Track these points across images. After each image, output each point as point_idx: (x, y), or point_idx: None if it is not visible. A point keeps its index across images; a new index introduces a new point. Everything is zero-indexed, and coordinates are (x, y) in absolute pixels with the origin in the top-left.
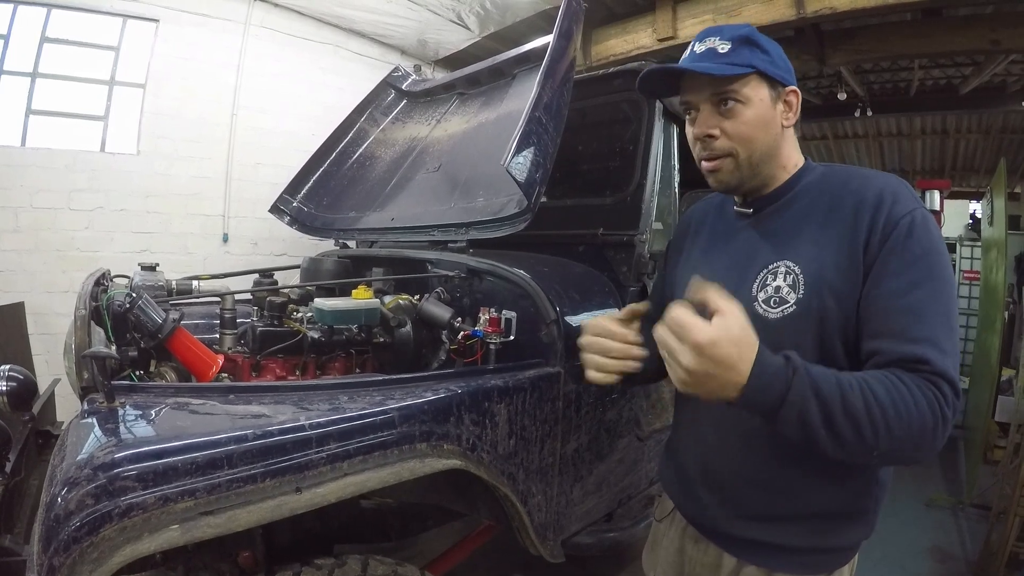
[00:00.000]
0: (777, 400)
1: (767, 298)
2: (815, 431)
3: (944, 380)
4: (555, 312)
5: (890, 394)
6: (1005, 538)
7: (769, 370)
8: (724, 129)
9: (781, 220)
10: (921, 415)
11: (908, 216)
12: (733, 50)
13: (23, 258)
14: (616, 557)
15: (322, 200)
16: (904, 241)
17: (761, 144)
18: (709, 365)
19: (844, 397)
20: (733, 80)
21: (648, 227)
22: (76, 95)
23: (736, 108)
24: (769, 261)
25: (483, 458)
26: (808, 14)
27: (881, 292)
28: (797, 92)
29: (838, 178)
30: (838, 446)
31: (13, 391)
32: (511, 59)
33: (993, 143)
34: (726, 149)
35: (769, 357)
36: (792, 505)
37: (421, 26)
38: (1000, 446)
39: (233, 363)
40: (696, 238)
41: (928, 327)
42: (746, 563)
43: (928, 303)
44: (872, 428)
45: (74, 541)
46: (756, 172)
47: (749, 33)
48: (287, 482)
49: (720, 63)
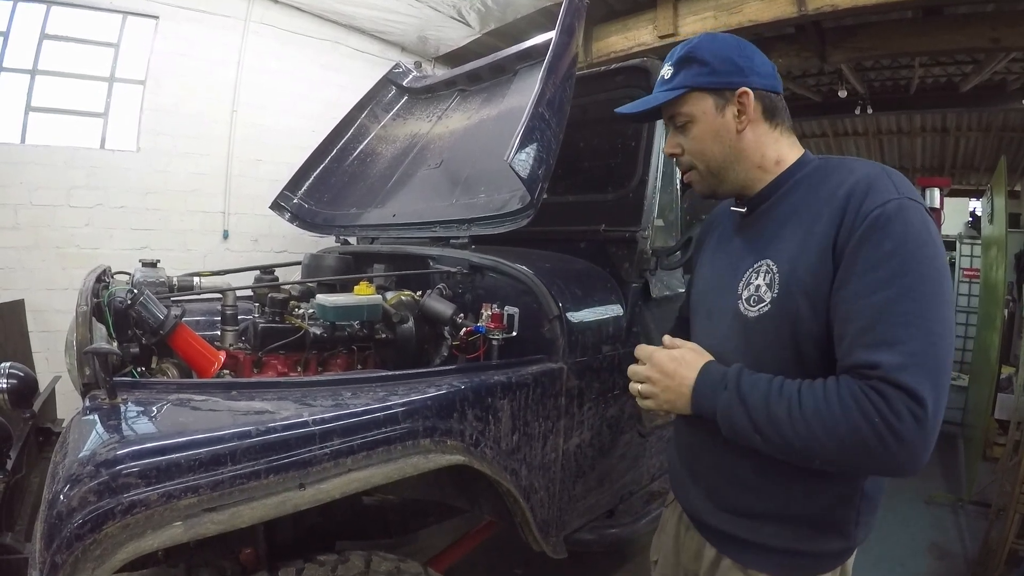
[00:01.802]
0: (712, 407)
1: (748, 296)
2: (747, 436)
3: (893, 386)
4: (557, 308)
5: (816, 402)
6: (1004, 535)
7: (708, 381)
8: (683, 146)
9: (768, 219)
10: (853, 426)
11: (879, 209)
12: (674, 74)
13: (23, 255)
14: (618, 553)
15: (323, 197)
16: (872, 236)
17: (715, 153)
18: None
19: (769, 405)
20: (673, 104)
21: (650, 223)
22: (76, 92)
23: (687, 126)
24: (755, 260)
25: (486, 454)
26: (809, 11)
27: (845, 294)
28: (747, 91)
29: (825, 172)
30: (773, 450)
31: (13, 388)
32: (513, 55)
33: (993, 141)
34: (687, 164)
35: (712, 370)
36: (766, 504)
37: (421, 23)
38: (1000, 443)
39: (235, 359)
40: (711, 239)
41: (888, 329)
42: (723, 556)
43: (893, 303)
44: (797, 435)
45: (77, 538)
46: (722, 179)
47: (688, 52)
48: (291, 478)
49: (662, 90)
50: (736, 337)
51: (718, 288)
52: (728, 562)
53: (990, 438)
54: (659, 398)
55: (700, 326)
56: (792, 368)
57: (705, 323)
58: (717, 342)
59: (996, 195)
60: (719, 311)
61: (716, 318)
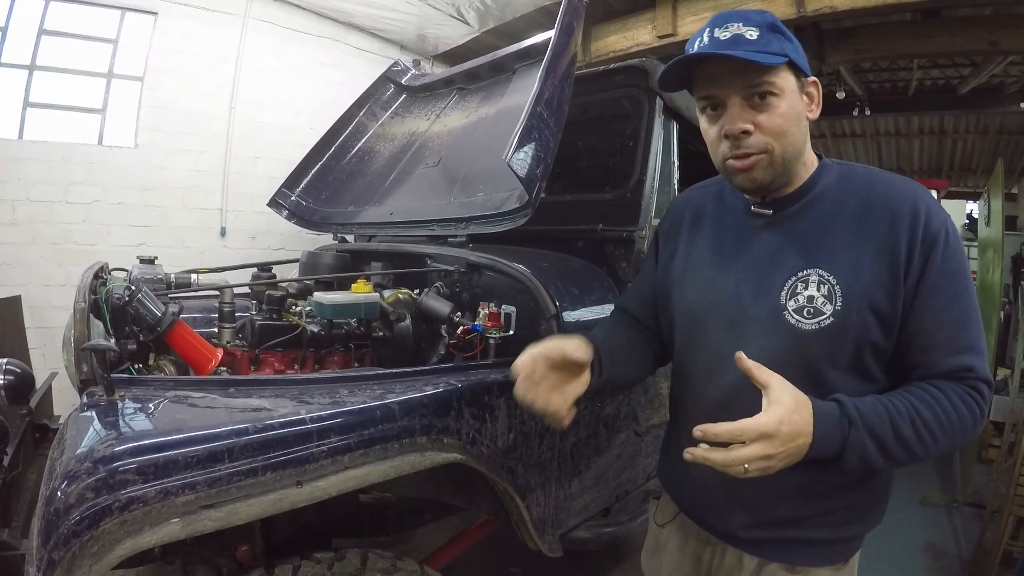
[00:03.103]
0: (839, 449)
1: (799, 308)
2: (873, 462)
3: (983, 382)
4: (555, 307)
5: (935, 413)
6: (999, 536)
7: (828, 424)
8: (759, 124)
9: (805, 223)
10: (963, 422)
11: (943, 230)
12: (762, 37)
13: (20, 251)
14: (614, 552)
15: (321, 194)
16: (943, 255)
17: (794, 139)
18: (783, 443)
19: (896, 429)
20: (769, 70)
21: (647, 223)
22: (74, 88)
23: (771, 101)
24: (798, 268)
25: (483, 452)
26: (808, 13)
27: (929, 308)
28: (817, 83)
29: (861, 180)
30: (891, 464)
31: (10, 385)
32: (511, 54)
33: (990, 143)
34: (761, 146)
35: (824, 410)
36: (817, 507)
37: (420, 21)
38: (995, 445)
39: (232, 357)
40: (696, 231)
41: (970, 336)
42: (768, 561)
43: (968, 313)
44: (922, 445)
45: (74, 535)
46: (787, 169)
47: (775, 20)
48: (288, 475)
49: (753, 52)
50: (783, 349)
51: (744, 296)
52: (775, 565)
53: (985, 440)
54: (774, 468)
55: (717, 335)
56: (845, 377)
57: (725, 334)
58: (752, 353)
59: (993, 197)
60: (749, 321)
61: (746, 328)
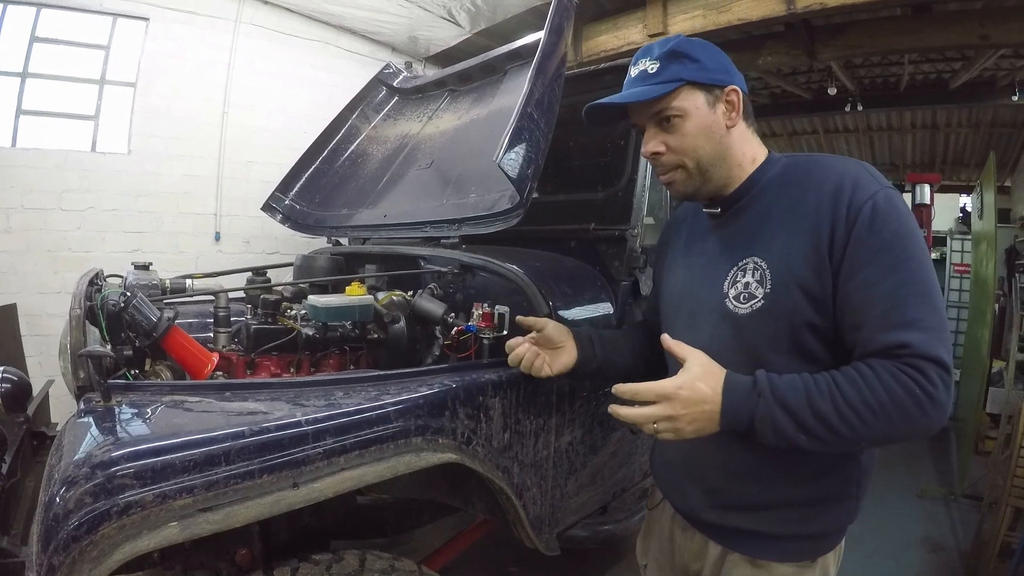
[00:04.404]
0: (748, 420)
1: (737, 294)
2: (792, 438)
3: (925, 359)
4: (548, 307)
5: (859, 390)
6: (997, 528)
7: (738, 394)
8: (668, 144)
9: (747, 217)
10: (898, 402)
11: (870, 201)
12: (662, 68)
13: (14, 259)
14: (611, 549)
15: (314, 198)
16: (870, 227)
17: (707, 150)
18: (684, 407)
19: (812, 405)
20: (663, 98)
21: (639, 222)
22: (66, 95)
23: (676, 123)
24: (739, 258)
25: (478, 452)
26: (798, 9)
27: (856, 284)
28: (737, 90)
29: (800, 169)
30: (821, 445)
31: (7, 393)
32: (502, 55)
33: (983, 137)
34: (674, 162)
35: (736, 382)
36: (774, 495)
37: (412, 23)
38: (991, 437)
39: (228, 361)
40: (678, 240)
41: (907, 310)
42: (730, 551)
43: (904, 286)
44: (845, 424)
45: (73, 540)
46: (708, 177)
47: (676, 46)
48: (284, 478)
49: (650, 85)
50: (726, 335)
51: (699, 289)
52: (736, 556)
53: (982, 432)
54: (684, 431)
55: (681, 328)
56: (788, 360)
57: (686, 324)
58: (704, 342)
59: (986, 191)
60: (702, 312)
61: (700, 319)
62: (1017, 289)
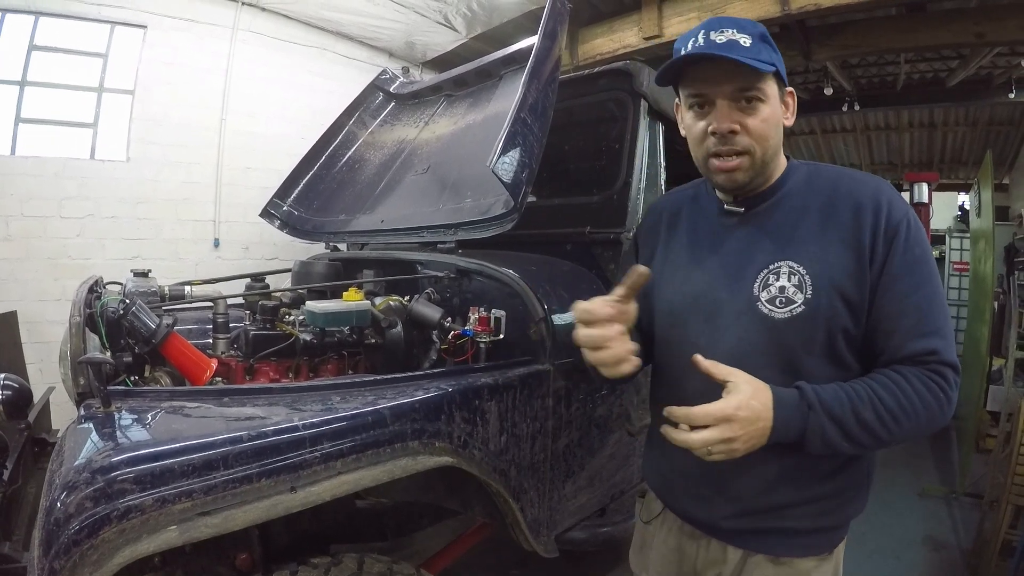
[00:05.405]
0: (799, 432)
1: (771, 298)
2: (837, 445)
3: (948, 366)
4: (544, 310)
5: (896, 397)
6: (998, 526)
7: (788, 409)
8: (745, 125)
9: (775, 219)
10: (926, 405)
11: (905, 220)
12: (755, 45)
13: (14, 267)
14: (610, 552)
15: (312, 203)
16: (906, 243)
17: (772, 142)
18: (743, 427)
19: (856, 414)
20: (760, 77)
21: (635, 225)
22: (65, 103)
23: (757, 105)
24: (770, 261)
25: (475, 455)
26: (793, 10)
27: (893, 294)
28: (793, 93)
29: (826, 178)
30: (859, 448)
31: (9, 400)
32: (498, 60)
33: (980, 135)
34: (745, 146)
35: (785, 396)
36: (797, 494)
37: (408, 28)
38: (992, 435)
39: (227, 367)
40: (673, 233)
41: (934, 321)
42: (752, 552)
43: (931, 299)
44: (885, 429)
45: (74, 544)
46: (763, 171)
47: (765, 31)
48: (282, 481)
49: (746, 57)
50: (758, 339)
51: (718, 290)
52: (759, 557)
53: (982, 430)
54: (738, 451)
55: (695, 330)
56: (819, 363)
57: (704, 327)
58: (730, 345)
59: (983, 189)
60: (726, 314)
61: (722, 321)
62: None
